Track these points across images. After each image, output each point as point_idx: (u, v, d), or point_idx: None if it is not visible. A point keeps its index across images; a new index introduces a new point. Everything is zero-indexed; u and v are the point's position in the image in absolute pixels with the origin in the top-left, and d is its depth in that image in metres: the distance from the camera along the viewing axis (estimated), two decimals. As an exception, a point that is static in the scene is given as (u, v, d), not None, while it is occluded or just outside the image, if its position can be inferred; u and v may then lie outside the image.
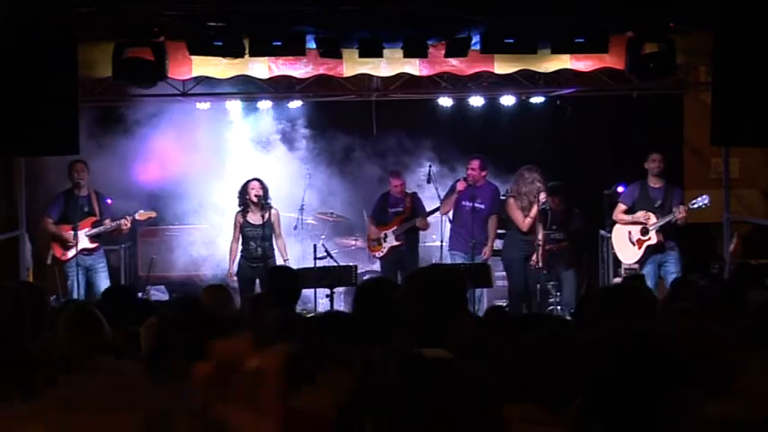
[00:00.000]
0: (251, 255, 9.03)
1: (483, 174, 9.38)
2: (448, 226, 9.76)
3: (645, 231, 8.96)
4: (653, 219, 8.92)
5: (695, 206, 8.79)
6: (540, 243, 9.11)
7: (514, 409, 2.10)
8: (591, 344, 2.25)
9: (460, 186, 9.32)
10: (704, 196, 8.81)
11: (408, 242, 9.72)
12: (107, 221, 9.01)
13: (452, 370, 1.92)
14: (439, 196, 9.59)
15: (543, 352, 2.22)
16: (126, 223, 9.01)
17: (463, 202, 9.38)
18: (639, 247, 8.99)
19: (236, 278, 9.12)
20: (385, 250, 9.73)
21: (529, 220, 9.14)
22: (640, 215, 8.97)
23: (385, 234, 9.74)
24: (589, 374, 2.11)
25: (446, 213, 9.58)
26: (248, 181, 9.13)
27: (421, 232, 9.93)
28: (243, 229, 9.08)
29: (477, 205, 9.30)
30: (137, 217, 9.18)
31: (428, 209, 9.79)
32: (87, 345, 3.91)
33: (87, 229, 8.96)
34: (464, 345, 2.84)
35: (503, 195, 9.48)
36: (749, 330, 3.04)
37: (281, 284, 5.80)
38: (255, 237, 8.99)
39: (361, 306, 3.65)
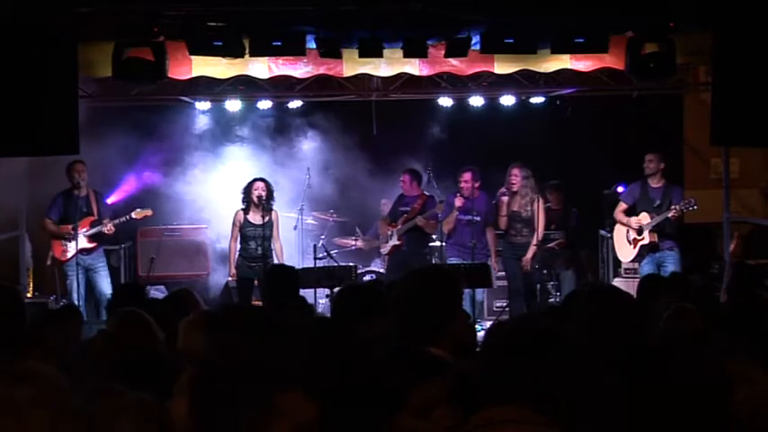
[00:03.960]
0: (250, 255, 8.99)
1: (476, 185, 9.34)
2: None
3: (639, 231, 8.98)
4: (647, 219, 8.94)
5: (681, 207, 8.78)
6: (535, 244, 9.08)
7: (500, 411, 2.09)
8: (577, 341, 2.23)
9: (459, 203, 9.27)
10: (690, 200, 8.79)
11: (411, 243, 9.64)
12: (106, 221, 9.02)
13: None
14: (438, 194, 9.60)
15: (527, 350, 2.18)
16: (110, 228, 9.01)
17: (459, 216, 9.35)
18: (634, 247, 9.05)
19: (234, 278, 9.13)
20: (388, 248, 9.73)
21: (503, 218, 9.14)
22: (633, 221, 9.00)
23: (391, 232, 9.73)
24: (576, 372, 2.10)
25: (449, 232, 9.49)
26: (253, 180, 9.12)
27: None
28: (243, 228, 9.05)
29: (473, 218, 9.28)
30: (133, 216, 9.21)
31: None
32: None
33: (86, 229, 8.96)
34: (460, 344, 2.84)
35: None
36: (754, 341, 3.01)
37: (277, 283, 5.78)
38: (256, 236, 8.96)
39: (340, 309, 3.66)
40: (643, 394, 2.14)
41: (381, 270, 10.07)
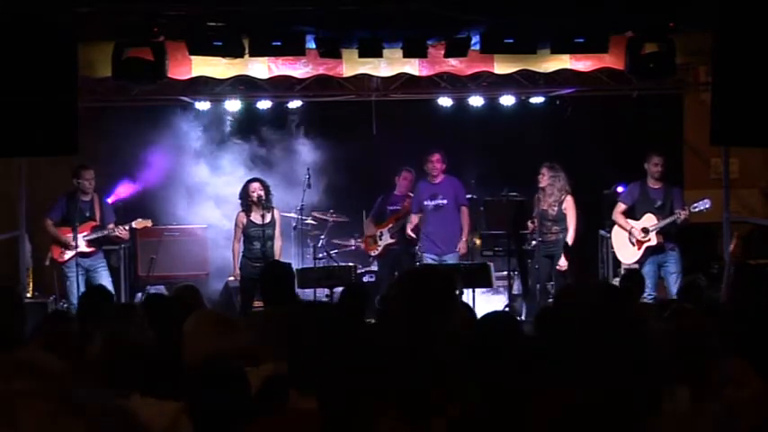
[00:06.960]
0: (254, 255, 8.99)
1: (443, 167, 9.42)
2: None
3: (645, 232, 8.96)
4: (653, 221, 8.93)
5: (696, 210, 8.80)
6: (571, 243, 9.09)
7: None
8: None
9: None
10: (705, 200, 8.81)
11: (404, 241, 9.68)
12: (110, 226, 9.00)
13: None
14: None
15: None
16: (123, 232, 9.00)
17: (425, 202, 9.40)
18: (639, 248, 9.01)
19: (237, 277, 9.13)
20: (380, 248, 9.72)
21: (535, 218, 9.19)
22: (636, 226, 8.97)
23: (381, 232, 9.72)
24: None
25: (417, 224, 9.50)
26: (249, 181, 9.13)
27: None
28: (247, 229, 9.06)
29: (439, 202, 9.32)
30: (134, 225, 9.22)
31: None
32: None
33: (86, 233, 8.94)
34: (456, 344, 2.83)
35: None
36: (750, 344, 3.02)
37: (272, 279, 5.77)
38: (259, 236, 8.96)
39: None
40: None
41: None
